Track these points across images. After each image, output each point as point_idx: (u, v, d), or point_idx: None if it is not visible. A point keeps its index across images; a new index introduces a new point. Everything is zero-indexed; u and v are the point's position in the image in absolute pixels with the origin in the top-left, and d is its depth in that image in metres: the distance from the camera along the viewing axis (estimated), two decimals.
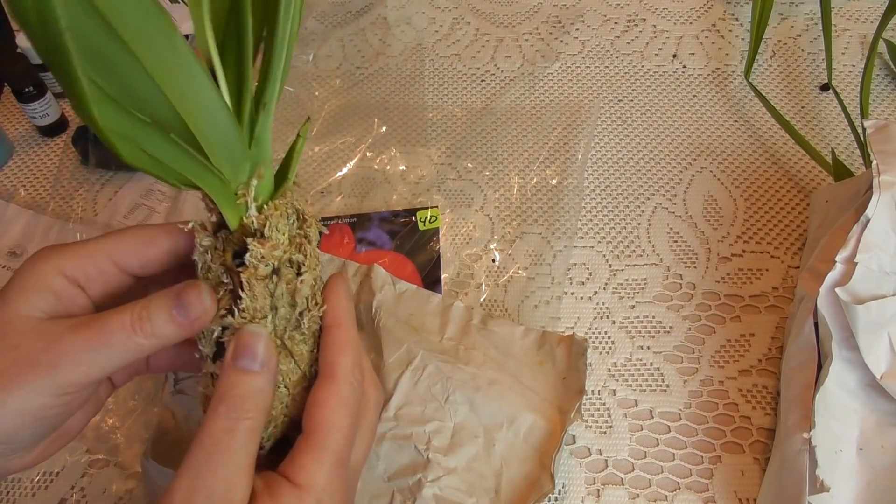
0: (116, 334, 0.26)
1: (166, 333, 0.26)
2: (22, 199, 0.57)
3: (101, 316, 0.26)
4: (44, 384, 0.25)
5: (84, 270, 0.28)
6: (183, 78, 0.22)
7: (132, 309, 0.26)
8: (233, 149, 0.25)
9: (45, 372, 0.25)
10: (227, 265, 0.27)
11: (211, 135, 0.24)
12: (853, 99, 0.57)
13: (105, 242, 0.28)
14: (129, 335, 0.26)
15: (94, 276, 0.28)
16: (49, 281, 0.27)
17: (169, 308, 0.26)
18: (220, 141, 0.24)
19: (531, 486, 0.39)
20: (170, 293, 0.27)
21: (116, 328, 0.26)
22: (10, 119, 0.62)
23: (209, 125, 0.24)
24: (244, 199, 0.26)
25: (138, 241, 0.29)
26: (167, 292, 0.27)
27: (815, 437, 0.36)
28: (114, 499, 0.42)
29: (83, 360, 0.25)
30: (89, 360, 0.26)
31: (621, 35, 0.65)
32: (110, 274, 0.28)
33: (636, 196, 0.53)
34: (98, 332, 0.26)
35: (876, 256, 0.39)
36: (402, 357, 0.43)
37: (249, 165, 0.26)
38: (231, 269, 0.27)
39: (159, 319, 0.26)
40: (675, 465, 0.41)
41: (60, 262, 0.27)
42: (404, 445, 0.40)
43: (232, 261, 0.27)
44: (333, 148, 0.57)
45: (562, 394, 0.42)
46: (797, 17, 0.65)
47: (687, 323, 0.47)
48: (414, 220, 0.52)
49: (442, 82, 0.62)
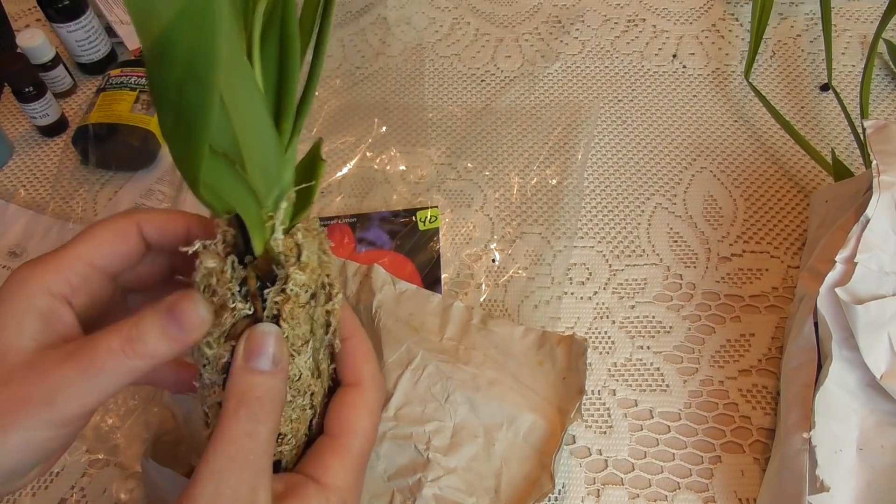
0: (108, 361, 0.25)
1: (160, 351, 0.25)
2: (22, 199, 0.57)
3: (90, 341, 0.25)
4: (42, 420, 0.25)
5: (68, 282, 0.27)
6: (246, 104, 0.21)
7: (121, 331, 0.25)
8: (271, 171, 0.25)
9: (41, 409, 0.24)
10: (251, 292, 0.26)
11: (258, 157, 0.23)
12: (853, 99, 0.57)
13: (80, 246, 0.27)
14: (121, 360, 0.25)
15: (79, 286, 0.27)
16: (37, 302, 0.26)
17: (161, 324, 0.25)
18: (264, 164, 0.24)
19: (531, 486, 0.39)
20: (160, 308, 0.26)
21: (107, 355, 0.25)
22: (10, 119, 0.62)
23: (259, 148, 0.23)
24: (272, 222, 0.26)
25: (111, 239, 0.28)
26: (157, 307, 0.26)
27: (815, 436, 0.36)
28: (114, 499, 0.42)
29: (78, 392, 0.25)
30: (84, 392, 0.25)
31: (621, 35, 0.65)
32: (93, 280, 0.28)
33: (636, 196, 0.53)
34: (89, 361, 0.25)
35: (876, 256, 0.39)
36: (402, 357, 0.43)
37: (279, 188, 0.26)
38: (254, 296, 0.26)
39: (151, 338, 0.25)
40: (675, 465, 0.41)
41: (44, 279, 0.26)
42: (404, 445, 0.40)
43: (256, 286, 0.26)
44: (333, 148, 0.57)
45: (562, 394, 0.42)
46: (797, 17, 0.65)
47: (687, 323, 0.47)
48: (414, 220, 0.52)
49: (442, 82, 0.62)
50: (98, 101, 0.56)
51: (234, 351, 0.26)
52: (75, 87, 0.63)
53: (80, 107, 0.62)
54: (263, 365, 0.26)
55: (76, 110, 0.62)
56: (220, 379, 0.27)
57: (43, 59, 0.58)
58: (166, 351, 0.26)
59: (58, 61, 0.60)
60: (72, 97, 0.63)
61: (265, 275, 0.26)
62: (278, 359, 0.26)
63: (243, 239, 0.26)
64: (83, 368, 0.25)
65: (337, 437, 0.29)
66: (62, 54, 0.63)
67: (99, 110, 0.55)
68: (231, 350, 0.26)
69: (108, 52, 0.64)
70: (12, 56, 0.56)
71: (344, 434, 0.29)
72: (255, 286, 0.26)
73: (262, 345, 0.26)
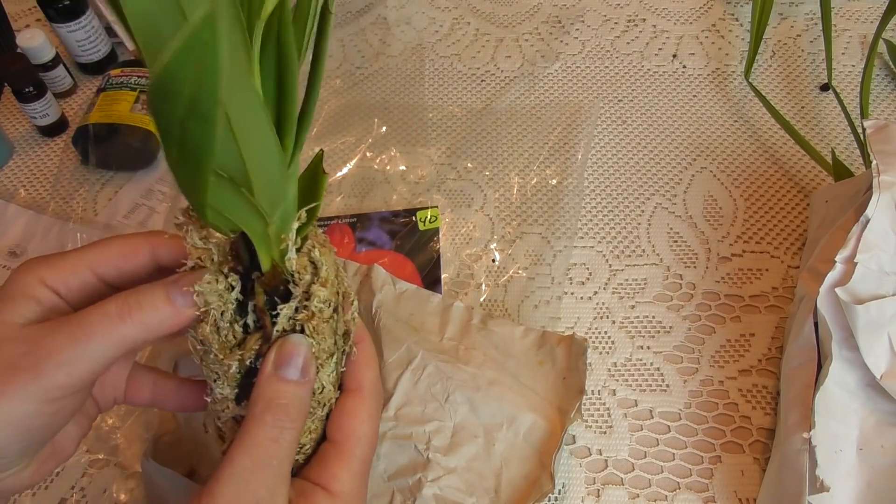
0: (98, 325, 0.25)
1: (157, 320, 0.26)
2: (22, 199, 0.57)
3: (84, 311, 0.25)
4: (28, 390, 0.24)
5: (65, 281, 0.27)
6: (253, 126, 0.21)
7: (118, 298, 0.25)
8: (276, 189, 0.24)
9: (27, 377, 0.24)
10: (259, 307, 0.26)
11: (264, 177, 0.23)
12: (853, 99, 0.57)
13: (87, 253, 0.28)
14: (114, 324, 0.25)
15: (76, 287, 0.27)
16: (31, 290, 0.26)
17: (165, 290, 0.26)
18: (270, 183, 0.24)
19: (531, 486, 0.39)
20: (166, 280, 0.26)
21: (99, 319, 0.25)
22: (10, 119, 0.62)
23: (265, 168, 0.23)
24: (286, 243, 0.26)
25: (120, 252, 0.28)
26: (159, 282, 0.26)
27: (815, 436, 0.36)
28: (114, 499, 0.42)
29: (65, 359, 0.25)
30: (72, 359, 0.25)
31: (621, 35, 0.65)
32: (91, 285, 0.28)
33: (636, 196, 0.53)
34: (78, 326, 0.25)
35: (876, 256, 0.39)
36: (402, 357, 0.43)
37: (284, 204, 0.26)
38: (262, 311, 0.26)
39: (150, 304, 0.25)
40: (675, 465, 0.41)
41: (42, 272, 0.27)
42: (404, 445, 0.40)
43: (265, 304, 0.26)
44: (333, 148, 0.57)
45: (562, 394, 0.42)
46: (797, 17, 0.65)
47: (687, 323, 0.47)
48: (414, 220, 0.52)
49: (442, 82, 0.62)
50: (98, 101, 0.56)
51: (264, 359, 0.26)
52: (75, 87, 0.63)
53: (80, 107, 0.62)
54: (292, 374, 0.26)
55: (76, 110, 0.62)
56: (233, 393, 0.27)
57: (43, 59, 0.58)
58: (163, 320, 0.26)
59: (58, 61, 0.60)
60: (72, 97, 0.63)
61: (272, 289, 0.27)
62: (306, 369, 0.27)
63: (249, 256, 0.26)
64: (72, 334, 0.25)
65: (340, 443, 0.29)
66: (62, 54, 0.63)
67: (99, 110, 0.55)
68: (238, 360, 0.26)
69: (108, 52, 0.64)
70: (12, 56, 0.56)
71: (347, 441, 0.29)
72: (263, 302, 0.26)
73: (293, 354, 0.27)
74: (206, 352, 0.26)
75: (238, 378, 0.27)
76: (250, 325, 0.27)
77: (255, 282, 0.26)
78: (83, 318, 0.25)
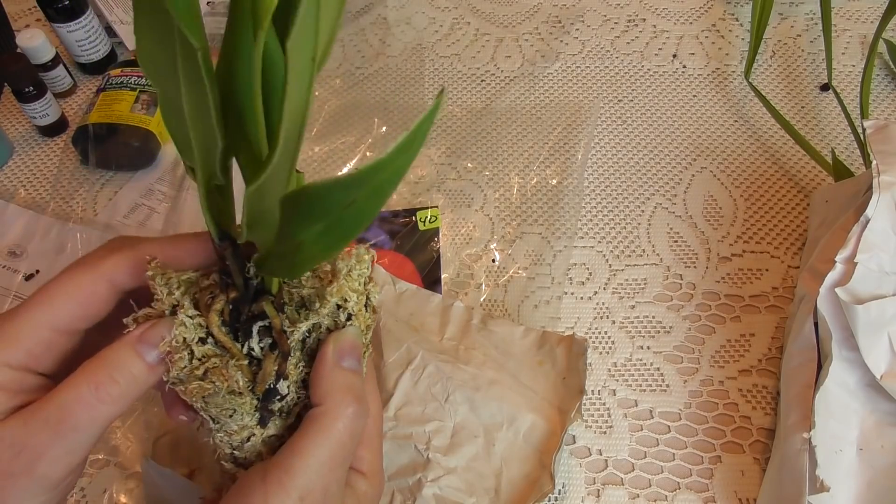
0: (79, 414, 0.24)
1: (135, 387, 0.25)
2: (22, 199, 0.57)
3: (57, 397, 0.24)
4: (30, 491, 0.24)
5: (29, 353, 0.25)
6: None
7: (87, 377, 0.24)
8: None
9: (25, 481, 0.24)
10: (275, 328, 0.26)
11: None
12: (853, 99, 0.57)
13: (40, 312, 0.26)
14: (93, 408, 0.24)
15: (41, 353, 0.26)
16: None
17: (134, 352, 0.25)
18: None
19: (531, 486, 0.39)
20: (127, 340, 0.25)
21: (76, 408, 0.24)
22: (10, 119, 0.62)
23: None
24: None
25: (75, 301, 0.26)
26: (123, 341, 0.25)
27: (815, 436, 0.36)
28: (114, 499, 0.41)
29: (56, 456, 0.24)
30: (63, 454, 0.24)
31: (621, 35, 0.65)
32: (58, 342, 0.26)
33: (636, 196, 0.53)
34: (59, 421, 0.24)
35: (876, 256, 0.39)
36: (402, 357, 0.43)
37: None
38: (279, 332, 0.26)
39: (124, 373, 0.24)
40: (675, 465, 0.41)
41: (2, 354, 0.25)
42: (404, 445, 0.40)
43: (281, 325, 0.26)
44: (333, 148, 0.57)
45: (562, 394, 0.42)
46: (797, 17, 0.65)
47: (687, 323, 0.47)
48: (414, 220, 0.52)
49: (442, 82, 0.62)
50: (98, 101, 0.56)
51: (320, 353, 0.26)
52: (75, 87, 0.63)
53: (80, 107, 0.62)
54: (356, 366, 0.27)
55: (76, 110, 0.62)
56: (255, 419, 0.27)
57: (43, 59, 0.58)
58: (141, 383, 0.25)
59: (58, 61, 0.60)
60: (72, 97, 0.63)
61: (280, 307, 0.27)
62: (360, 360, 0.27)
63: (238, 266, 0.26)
64: (55, 431, 0.24)
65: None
66: (62, 54, 0.63)
67: (99, 110, 0.55)
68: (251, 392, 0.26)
69: (108, 52, 0.64)
70: (12, 56, 0.56)
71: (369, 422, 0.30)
72: (280, 325, 0.26)
73: (356, 346, 0.27)
74: (213, 394, 0.26)
75: (256, 404, 0.26)
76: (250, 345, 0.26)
77: (265, 304, 0.26)
78: (60, 409, 0.24)
